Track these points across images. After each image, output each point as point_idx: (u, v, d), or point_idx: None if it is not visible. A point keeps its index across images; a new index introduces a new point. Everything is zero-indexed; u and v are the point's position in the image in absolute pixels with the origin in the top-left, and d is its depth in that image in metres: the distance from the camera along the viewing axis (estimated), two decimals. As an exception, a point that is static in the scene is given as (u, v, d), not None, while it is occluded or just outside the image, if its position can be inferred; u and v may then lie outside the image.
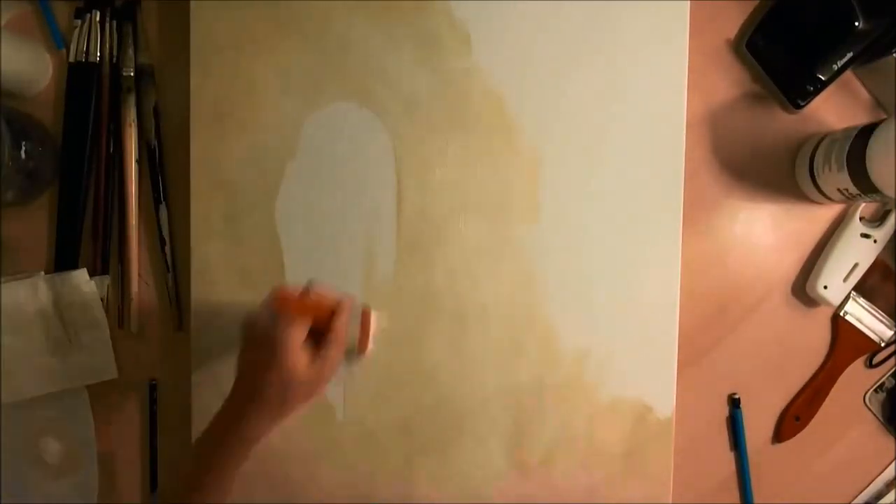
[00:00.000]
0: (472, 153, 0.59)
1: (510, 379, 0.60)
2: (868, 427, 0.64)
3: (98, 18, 0.61)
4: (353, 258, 0.59)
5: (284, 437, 0.60)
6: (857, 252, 0.61)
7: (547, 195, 0.59)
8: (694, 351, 0.63)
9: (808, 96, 0.60)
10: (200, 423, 0.59)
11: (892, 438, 0.64)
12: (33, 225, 0.62)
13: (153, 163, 0.62)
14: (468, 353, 0.60)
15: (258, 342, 0.49)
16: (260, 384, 0.49)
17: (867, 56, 0.58)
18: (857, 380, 0.64)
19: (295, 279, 0.59)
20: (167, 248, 0.62)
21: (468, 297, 0.59)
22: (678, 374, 0.62)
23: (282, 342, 0.48)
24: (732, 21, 0.62)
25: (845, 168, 0.54)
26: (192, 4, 0.58)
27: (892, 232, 0.62)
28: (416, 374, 0.60)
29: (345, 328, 0.52)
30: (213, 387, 0.59)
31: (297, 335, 0.49)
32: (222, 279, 0.59)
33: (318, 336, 0.51)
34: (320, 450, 0.60)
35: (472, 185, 0.59)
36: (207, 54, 0.59)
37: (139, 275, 0.62)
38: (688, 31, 0.59)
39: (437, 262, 0.59)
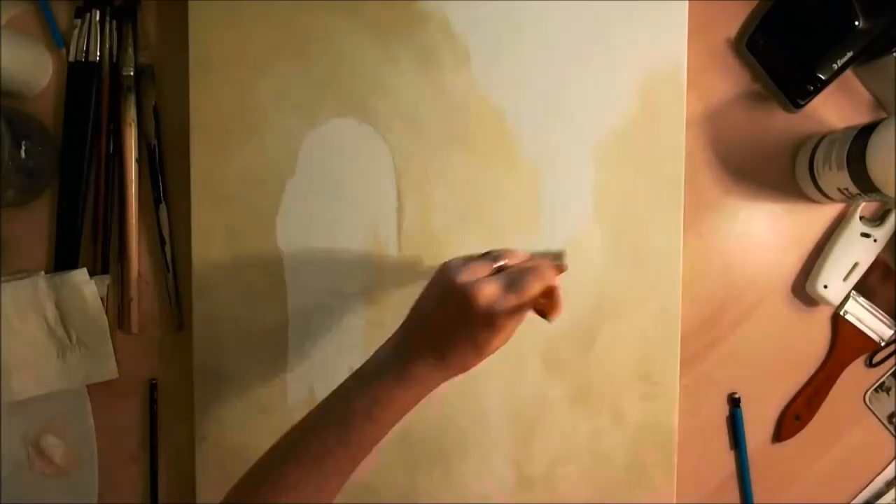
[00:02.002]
0: (472, 167, 0.59)
1: (512, 392, 0.60)
2: (868, 426, 0.64)
3: (98, 18, 0.61)
4: (354, 273, 0.59)
5: None
6: (857, 251, 0.62)
7: (547, 208, 0.59)
8: (694, 350, 0.63)
9: (808, 96, 0.60)
10: (202, 422, 0.60)
11: (892, 438, 0.64)
12: (33, 224, 0.62)
13: (153, 162, 0.61)
14: None
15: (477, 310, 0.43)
16: (463, 344, 0.44)
17: (867, 55, 0.58)
18: (857, 379, 0.64)
19: (296, 295, 0.59)
20: (167, 248, 0.61)
21: None
22: (679, 372, 0.63)
23: (497, 318, 0.43)
24: (732, 21, 0.62)
25: (845, 167, 0.54)
26: (191, 22, 0.58)
27: (892, 231, 0.62)
28: None
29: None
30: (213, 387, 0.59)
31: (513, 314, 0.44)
32: (224, 294, 0.59)
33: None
34: (322, 463, 0.60)
35: (472, 199, 0.59)
36: (206, 72, 0.59)
37: (139, 275, 0.62)
38: (686, 38, 0.59)
39: None
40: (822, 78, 0.59)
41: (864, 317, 0.63)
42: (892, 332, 0.63)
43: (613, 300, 0.59)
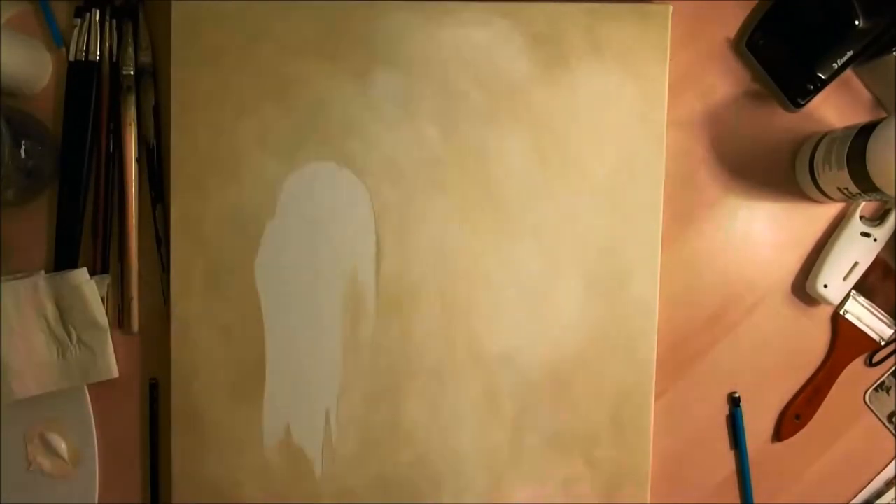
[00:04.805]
0: (451, 213, 0.60)
1: (486, 437, 0.60)
2: (868, 426, 0.64)
3: (98, 17, 0.61)
4: (332, 316, 0.60)
5: (263, 494, 0.60)
6: (857, 251, 0.62)
7: (525, 256, 0.60)
8: (694, 349, 0.63)
9: (808, 95, 0.60)
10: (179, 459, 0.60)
11: (892, 437, 0.64)
12: (33, 224, 0.62)
13: (152, 162, 0.61)
14: (445, 411, 0.60)
15: None
16: None
17: (867, 54, 0.58)
18: (857, 378, 0.64)
19: (275, 337, 0.60)
20: (163, 248, 0.61)
21: (446, 356, 0.60)
22: (678, 372, 0.63)
23: None
24: (732, 20, 0.62)
25: (845, 167, 0.54)
26: (173, 65, 0.59)
27: (892, 230, 0.62)
28: (394, 431, 0.60)
29: None
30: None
31: None
32: (203, 336, 0.59)
33: None
34: (299, 506, 0.61)
35: (450, 245, 0.60)
36: (188, 113, 0.59)
37: (139, 274, 0.62)
38: (666, 97, 0.59)
39: (416, 321, 0.60)
40: (822, 77, 0.59)
41: (864, 316, 0.63)
42: (892, 331, 0.63)
43: (589, 348, 0.60)
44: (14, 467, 0.61)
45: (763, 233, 0.63)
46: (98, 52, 0.61)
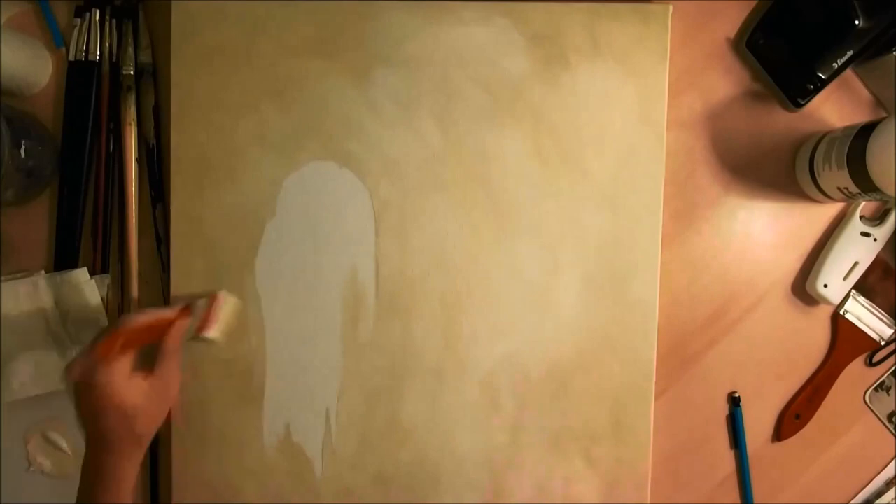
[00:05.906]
0: (451, 212, 0.60)
1: (487, 436, 0.60)
2: (868, 425, 0.64)
3: (98, 17, 0.61)
4: (332, 315, 0.60)
5: (263, 494, 0.60)
6: (857, 250, 0.62)
7: (524, 255, 0.60)
8: (694, 349, 0.63)
9: (809, 95, 0.60)
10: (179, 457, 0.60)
11: (892, 437, 0.64)
12: (33, 224, 0.62)
13: (151, 162, 0.61)
14: (445, 410, 0.60)
15: (83, 393, 0.49)
16: (105, 432, 0.49)
17: (867, 54, 0.58)
18: (858, 378, 0.64)
19: (274, 337, 0.60)
20: (163, 249, 0.61)
21: (446, 355, 0.60)
22: (678, 372, 0.63)
23: (104, 386, 0.48)
24: (732, 20, 0.62)
25: (845, 166, 0.55)
26: (173, 65, 0.59)
27: (892, 230, 0.62)
28: (394, 430, 0.60)
29: (176, 341, 0.53)
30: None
31: (117, 373, 0.49)
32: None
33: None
34: (299, 505, 0.61)
35: (450, 244, 0.60)
36: (187, 113, 0.59)
37: (139, 274, 0.62)
38: (665, 101, 0.59)
39: (416, 319, 0.60)
40: (823, 77, 0.59)
41: (864, 316, 0.63)
42: (892, 331, 0.63)
43: (589, 347, 0.60)
44: (14, 467, 0.61)
45: (763, 233, 0.63)
46: (98, 52, 0.61)
